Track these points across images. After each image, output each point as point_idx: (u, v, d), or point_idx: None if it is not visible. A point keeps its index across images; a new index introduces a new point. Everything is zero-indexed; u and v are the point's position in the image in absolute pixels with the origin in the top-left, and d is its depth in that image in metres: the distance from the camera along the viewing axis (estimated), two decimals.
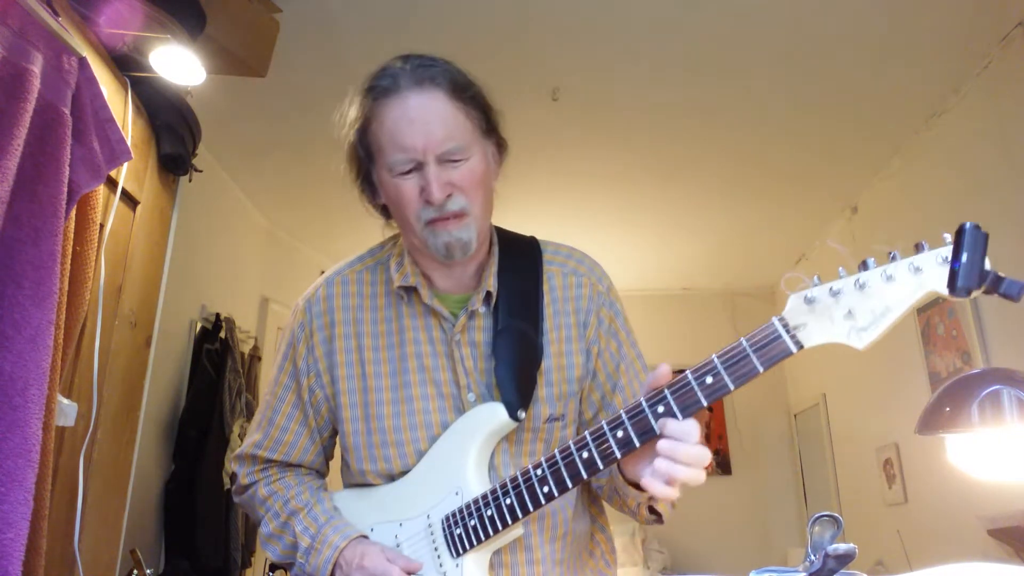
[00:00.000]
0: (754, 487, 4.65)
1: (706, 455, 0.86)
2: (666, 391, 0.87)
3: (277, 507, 1.14)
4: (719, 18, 2.39)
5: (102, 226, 1.49)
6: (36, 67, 1.15)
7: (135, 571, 1.68)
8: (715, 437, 4.72)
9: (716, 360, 0.84)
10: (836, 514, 0.73)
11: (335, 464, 1.26)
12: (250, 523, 3.07)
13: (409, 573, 1.02)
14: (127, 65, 1.63)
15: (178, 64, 1.69)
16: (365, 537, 1.09)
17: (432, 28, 2.43)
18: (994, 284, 0.75)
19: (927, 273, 0.76)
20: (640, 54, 2.58)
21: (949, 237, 0.76)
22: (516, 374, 1.07)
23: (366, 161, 1.10)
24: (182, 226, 1.99)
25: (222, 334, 3.02)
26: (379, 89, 1.06)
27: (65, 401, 1.36)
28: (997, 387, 1.36)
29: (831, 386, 4.07)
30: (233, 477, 1.24)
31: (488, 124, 1.10)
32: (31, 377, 1.10)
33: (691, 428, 0.85)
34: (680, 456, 0.85)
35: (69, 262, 1.30)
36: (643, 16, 2.39)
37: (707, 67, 2.64)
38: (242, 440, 2.93)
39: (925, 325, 2.96)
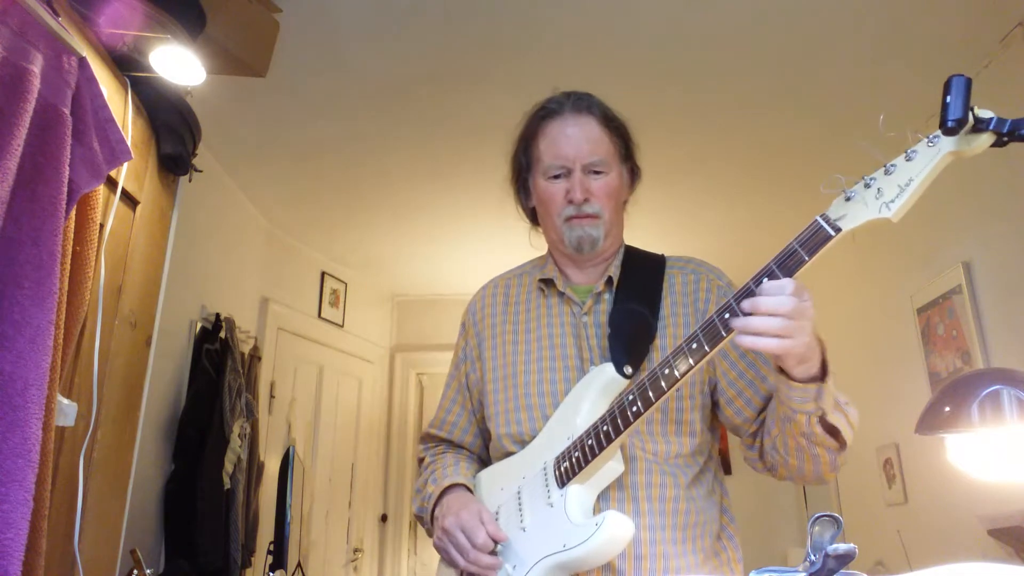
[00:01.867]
0: (754, 487, 4.64)
1: (784, 302, 0.94)
2: (730, 299, 1.00)
3: (428, 469, 1.38)
4: (718, 19, 2.39)
5: (102, 226, 1.49)
6: (36, 67, 1.15)
7: (135, 571, 1.68)
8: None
9: (771, 263, 0.98)
10: (836, 514, 0.73)
11: None
12: (250, 523, 3.07)
13: (495, 540, 1.15)
14: (127, 65, 1.63)
15: (178, 64, 1.69)
16: (470, 491, 1.28)
17: (432, 29, 2.43)
18: (998, 127, 0.83)
19: (941, 141, 0.88)
20: (640, 55, 2.58)
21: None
22: (626, 338, 1.22)
23: (525, 169, 1.36)
24: (182, 226, 1.99)
25: (222, 334, 3.02)
26: (546, 111, 1.33)
27: (65, 401, 1.36)
28: (997, 387, 1.36)
29: None
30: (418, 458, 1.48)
31: (627, 151, 1.36)
32: (31, 377, 1.10)
33: (781, 284, 0.95)
34: (761, 307, 0.95)
35: (69, 262, 1.30)
36: (643, 17, 2.39)
37: (707, 68, 2.64)
38: (242, 440, 2.94)
39: (925, 325, 2.96)
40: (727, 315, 0.99)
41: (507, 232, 3.67)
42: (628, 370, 1.17)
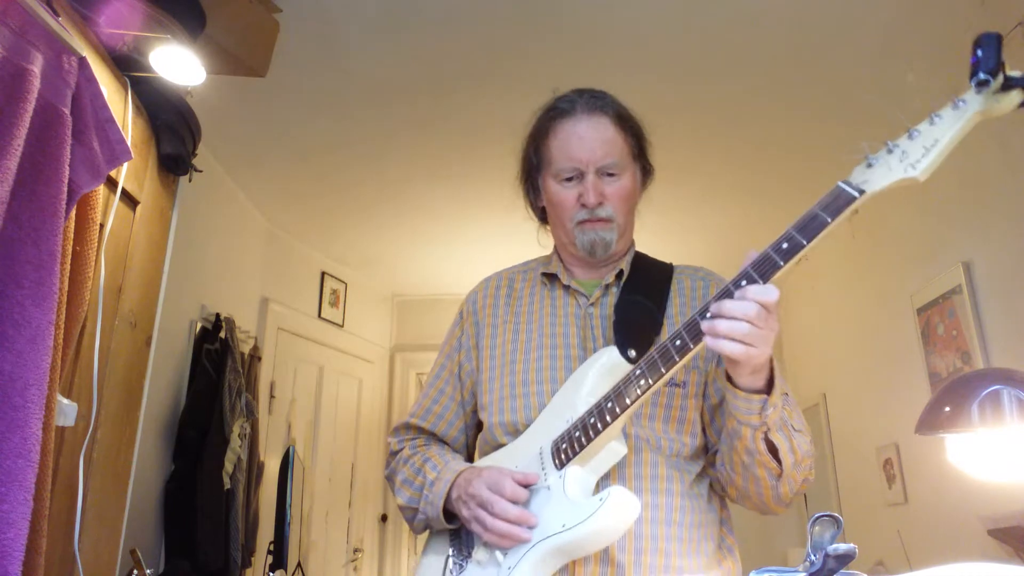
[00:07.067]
0: None
1: (748, 308, 0.92)
2: (747, 266, 0.97)
3: (416, 459, 1.29)
4: (718, 19, 2.39)
5: (102, 226, 1.49)
6: (36, 67, 1.15)
7: (135, 571, 1.68)
8: None
9: (791, 228, 0.95)
10: (836, 514, 0.73)
11: None
12: (250, 523, 3.07)
13: (526, 485, 1.10)
14: (127, 65, 1.63)
15: (178, 64, 1.69)
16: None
17: (432, 28, 2.43)
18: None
19: (968, 101, 0.84)
20: (640, 54, 2.58)
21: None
22: (632, 326, 1.19)
23: (535, 169, 1.33)
24: (182, 226, 1.99)
25: (222, 334, 3.02)
26: (558, 110, 1.29)
27: (65, 401, 1.36)
28: (997, 387, 1.36)
29: (831, 386, 4.07)
30: (389, 448, 1.40)
31: (640, 149, 1.32)
32: (31, 377, 1.10)
33: (759, 290, 0.93)
34: (724, 311, 0.94)
35: (69, 262, 1.30)
36: (643, 16, 2.39)
37: (706, 68, 2.64)
38: (242, 440, 2.94)
39: (925, 325, 2.96)
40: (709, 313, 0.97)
41: (507, 232, 3.67)
42: (632, 353, 1.13)
